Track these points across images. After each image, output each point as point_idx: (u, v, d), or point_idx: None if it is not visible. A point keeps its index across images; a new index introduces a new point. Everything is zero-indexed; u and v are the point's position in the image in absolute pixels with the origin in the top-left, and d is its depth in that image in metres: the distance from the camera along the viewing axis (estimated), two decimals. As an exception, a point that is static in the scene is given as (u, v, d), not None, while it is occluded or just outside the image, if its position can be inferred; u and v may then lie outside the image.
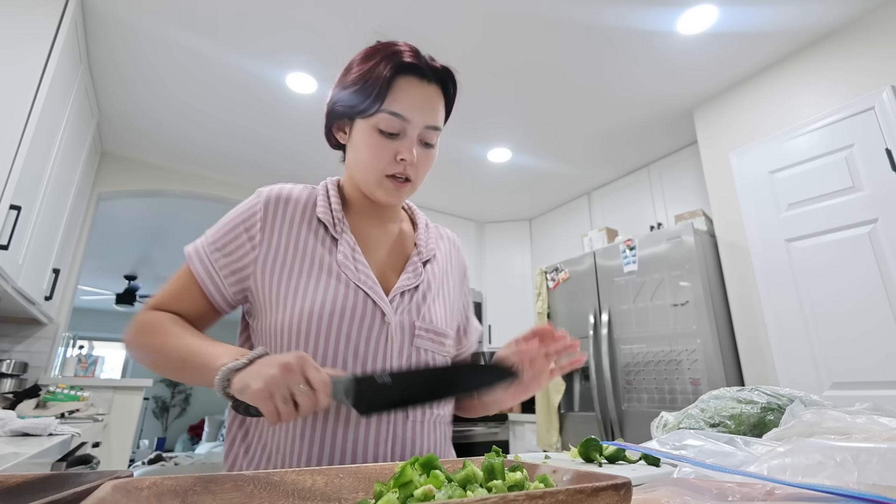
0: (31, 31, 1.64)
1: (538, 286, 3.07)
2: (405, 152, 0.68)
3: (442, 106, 0.72)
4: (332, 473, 0.39)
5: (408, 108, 0.67)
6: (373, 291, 0.69)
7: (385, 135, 0.68)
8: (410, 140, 0.68)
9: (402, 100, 0.67)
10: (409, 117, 0.67)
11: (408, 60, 0.68)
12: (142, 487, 0.31)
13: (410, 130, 0.68)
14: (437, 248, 0.83)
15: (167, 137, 2.95)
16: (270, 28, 2.07)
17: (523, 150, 3.07)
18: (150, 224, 4.58)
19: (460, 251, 0.91)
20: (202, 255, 0.70)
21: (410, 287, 0.73)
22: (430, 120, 0.69)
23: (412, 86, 0.68)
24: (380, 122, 0.67)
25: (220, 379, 0.56)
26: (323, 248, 0.71)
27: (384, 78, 0.66)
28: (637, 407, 2.33)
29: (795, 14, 1.99)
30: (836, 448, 0.39)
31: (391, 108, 0.67)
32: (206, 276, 0.69)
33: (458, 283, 0.86)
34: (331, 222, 0.73)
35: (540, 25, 2.05)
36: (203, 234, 0.74)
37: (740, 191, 2.28)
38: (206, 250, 0.70)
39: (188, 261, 0.71)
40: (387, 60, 0.68)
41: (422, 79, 0.69)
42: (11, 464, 0.89)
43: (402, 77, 0.68)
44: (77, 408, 2.04)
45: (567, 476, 0.36)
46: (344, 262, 0.70)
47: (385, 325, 0.69)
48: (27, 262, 1.82)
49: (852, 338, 1.80)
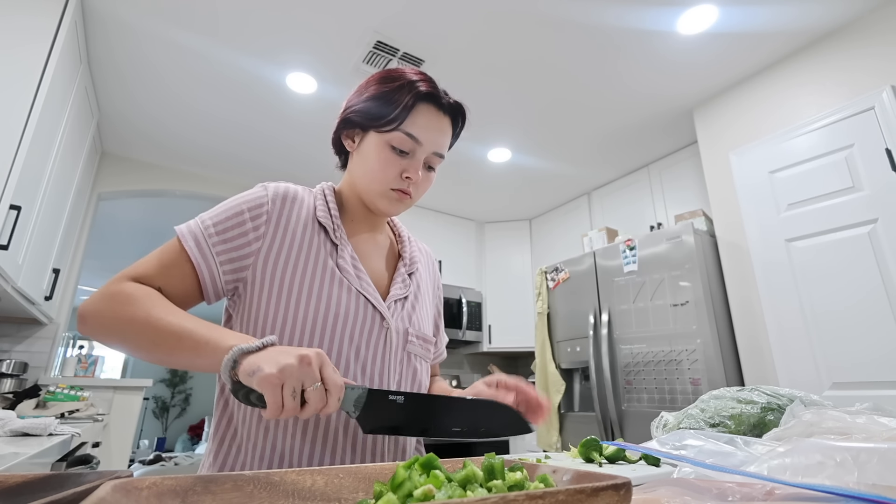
0: (31, 31, 1.64)
1: (538, 286, 3.07)
2: (412, 172, 0.73)
3: (449, 137, 0.78)
4: (332, 473, 0.39)
5: (423, 132, 0.72)
6: (373, 298, 0.72)
7: (396, 152, 0.72)
8: (418, 161, 0.73)
9: (420, 124, 0.72)
10: (422, 140, 0.72)
11: (430, 90, 0.73)
12: (142, 487, 0.31)
13: (420, 153, 0.73)
14: (419, 260, 0.88)
15: (167, 137, 2.95)
16: (270, 28, 2.07)
17: (523, 150, 3.07)
18: (150, 224, 4.58)
19: (434, 264, 0.97)
20: (198, 236, 0.67)
21: (402, 296, 0.78)
22: (438, 147, 0.75)
23: (430, 113, 0.73)
24: (394, 139, 0.72)
25: (229, 358, 0.52)
26: (325, 252, 0.72)
27: (407, 100, 0.72)
28: (637, 407, 2.33)
29: (795, 14, 1.99)
30: (836, 448, 0.39)
31: (408, 129, 0.71)
32: (202, 258, 0.66)
33: (434, 294, 0.92)
34: (331, 227, 0.74)
35: (540, 25, 2.05)
36: (197, 217, 0.70)
37: (740, 191, 2.28)
38: (205, 233, 0.67)
39: (181, 239, 0.66)
40: (410, 86, 0.73)
41: (439, 109, 0.74)
42: (11, 464, 0.89)
43: (422, 103, 0.73)
44: (77, 408, 2.04)
45: (567, 476, 0.36)
46: (345, 268, 0.72)
47: (384, 330, 0.72)
48: (27, 262, 1.82)
49: (852, 338, 1.80)
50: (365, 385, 0.68)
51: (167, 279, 0.66)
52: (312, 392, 0.49)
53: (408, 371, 0.75)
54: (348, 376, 0.67)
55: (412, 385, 0.76)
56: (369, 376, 0.69)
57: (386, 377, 0.71)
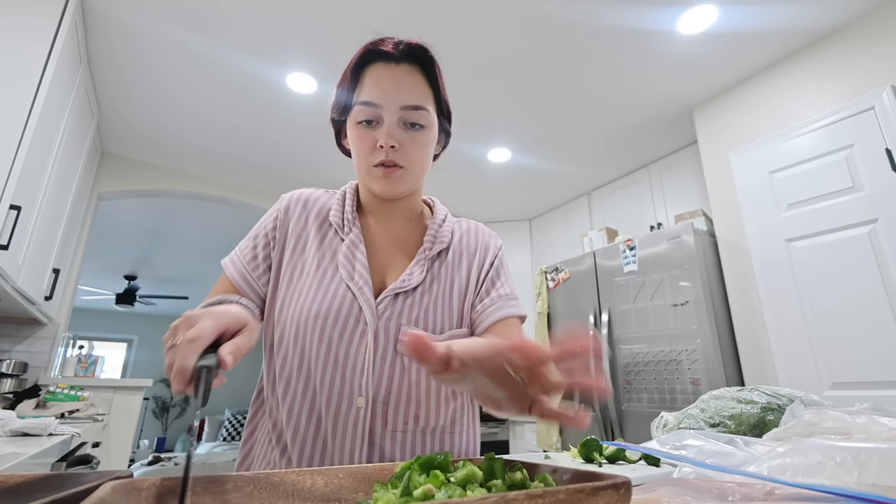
0: (30, 32, 1.64)
1: (538, 286, 3.07)
2: (382, 137, 0.66)
3: (420, 83, 0.69)
4: (331, 474, 0.39)
5: (377, 93, 0.66)
6: (360, 293, 0.68)
7: (364, 125, 0.67)
8: (389, 124, 0.66)
9: (370, 87, 0.67)
10: (378, 102, 0.66)
11: (370, 48, 0.68)
12: (142, 488, 0.31)
13: (386, 115, 0.66)
14: (454, 242, 0.77)
15: (167, 137, 2.95)
16: (270, 28, 2.07)
17: (523, 150, 3.07)
18: (150, 224, 4.58)
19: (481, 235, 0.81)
20: (237, 263, 0.74)
21: (406, 288, 0.70)
22: (404, 100, 0.67)
23: (378, 71, 0.68)
24: (357, 115, 0.68)
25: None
26: (329, 250, 0.72)
27: (353, 72, 0.69)
28: (637, 407, 2.33)
29: (795, 14, 1.99)
30: (836, 448, 0.39)
31: (361, 99, 0.67)
32: (243, 280, 0.72)
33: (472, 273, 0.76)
34: (340, 224, 0.74)
35: (540, 25, 2.05)
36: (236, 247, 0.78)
37: (740, 191, 2.28)
38: (241, 258, 0.74)
39: (224, 269, 0.74)
40: (357, 57, 0.69)
41: (388, 62, 0.68)
42: (11, 464, 0.89)
43: (368, 67, 0.68)
44: (77, 408, 2.04)
45: (567, 475, 0.36)
46: (342, 261, 0.70)
47: (364, 332, 0.67)
48: (27, 262, 1.82)
49: (852, 338, 1.80)
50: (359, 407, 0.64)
51: None
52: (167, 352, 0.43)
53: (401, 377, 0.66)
54: (318, 373, 0.65)
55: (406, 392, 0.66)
56: (349, 380, 0.65)
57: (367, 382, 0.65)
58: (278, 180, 3.49)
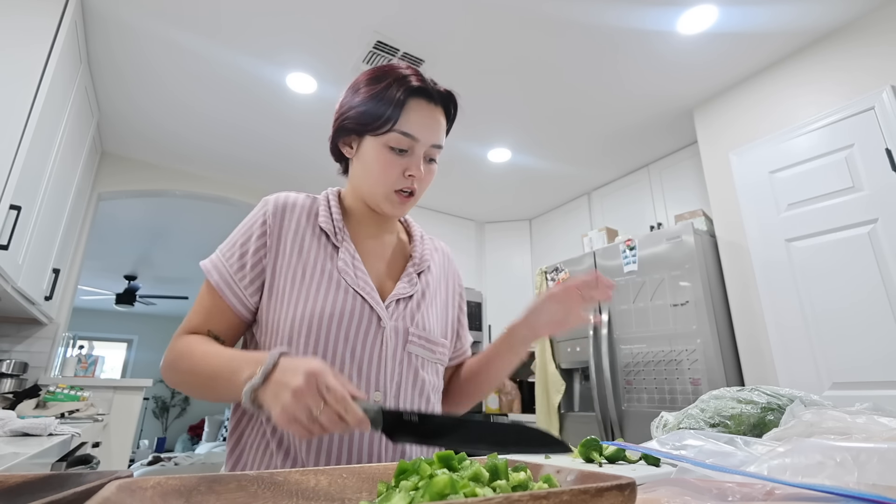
0: (30, 32, 1.64)
1: (538, 286, 3.08)
2: (414, 169, 0.73)
3: (444, 126, 0.77)
4: (335, 473, 0.39)
5: (418, 128, 0.72)
6: (370, 297, 0.72)
7: (395, 152, 0.72)
8: (418, 157, 0.73)
9: (413, 120, 0.72)
10: (418, 136, 0.72)
11: (419, 84, 0.73)
12: (146, 487, 0.31)
13: (418, 149, 0.73)
14: (432, 259, 0.86)
15: (167, 137, 2.95)
16: (270, 28, 2.07)
17: (523, 149, 3.07)
18: (150, 224, 4.58)
19: (453, 262, 0.95)
20: (220, 266, 0.72)
21: (406, 295, 0.77)
22: (435, 139, 0.74)
23: (422, 107, 0.73)
24: (390, 140, 0.72)
25: (246, 401, 0.55)
26: (325, 255, 0.74)
27: (397, 99, 0.71)
28: (637, 407, 2.33)
29: (795, 14, 1.99)
30: (836, 448, 0.39)
31: (403, 129, 0.71)
32: (227, 287, 0.71)
33: (451, 293, 0.90)
34: (332, 231, 0.76)
35: (540, 25, 2.05)
36: (217, 249, 0.76)
37: (740, 191, 2.28)
38: (225, 265, 0.72)
39: (206, 274, 0.72)
40: (398, 83, 0.72)
41: (430, 101, 0.74)
42: (11, 464, 0.89)
43: (413, 98, 0.72)
44: (77, 408, 2.04)
45: (571, 476, 0.36)
46: (344, 269, 0.73)
47: (381, 329, 0.72)
48: (27, 262, 1.82)
49: (852, 338, 1.80)
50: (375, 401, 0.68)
51: (211, 320, 0.72)
52: (321, 416, 0.50)
53: (408, 372, 0.73)
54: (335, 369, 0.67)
55: (413, 386, 0.74)
56: (366, 376, 0.69)
57: (383, 377, 0.70)
58: (278, 180, 3.49)
